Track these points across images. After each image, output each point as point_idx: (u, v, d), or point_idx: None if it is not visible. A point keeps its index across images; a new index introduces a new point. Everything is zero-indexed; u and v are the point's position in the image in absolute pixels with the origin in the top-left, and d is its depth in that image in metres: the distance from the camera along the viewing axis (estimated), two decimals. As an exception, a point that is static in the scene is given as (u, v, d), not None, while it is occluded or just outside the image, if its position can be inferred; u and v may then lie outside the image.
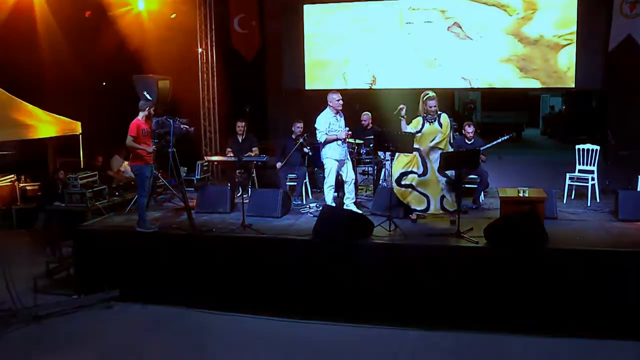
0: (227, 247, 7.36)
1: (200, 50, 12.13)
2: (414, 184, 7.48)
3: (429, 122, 7.45)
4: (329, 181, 8.11)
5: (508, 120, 21.49)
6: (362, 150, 9.42)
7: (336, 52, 11.93)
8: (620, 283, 6.19)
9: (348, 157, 8.26)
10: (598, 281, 6.26)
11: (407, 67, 11.50)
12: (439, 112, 7.50)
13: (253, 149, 9.97)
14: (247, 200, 8.29)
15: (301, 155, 9.45)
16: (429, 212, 7.54)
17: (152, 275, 7.47)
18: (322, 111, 8.06)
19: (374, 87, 11.77)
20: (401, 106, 7.36)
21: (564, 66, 10.79)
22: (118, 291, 7.46)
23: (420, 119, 7.52)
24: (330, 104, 7.98)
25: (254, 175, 10.15)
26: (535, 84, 11.05)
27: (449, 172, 7.33)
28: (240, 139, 10.13)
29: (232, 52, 12.80)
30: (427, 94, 7.47)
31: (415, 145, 7.42)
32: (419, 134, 7.42)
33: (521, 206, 7.08)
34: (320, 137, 7.98)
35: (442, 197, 7.43)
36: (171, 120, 7.75)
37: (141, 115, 7.67)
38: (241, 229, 7.56)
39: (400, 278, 6.69)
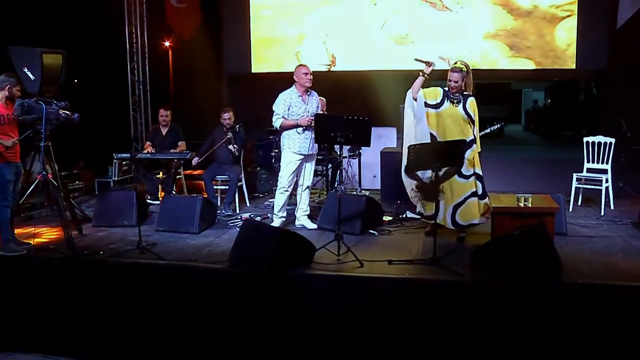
0: (118, 277, 5.41)
1: (128, 28, 10.43)
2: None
3: (452, 102, 5.60)
4: (282, 181, 6.33)
5: (488, 115, 19.81)
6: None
7: (288, 28, 10.27)
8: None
9: (314, 153, 6.51)
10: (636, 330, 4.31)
11: (373, 45, 9.85)
12: (465, 93, 5.63)
13: (179, 143, 8.04)
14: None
15: (230, 152, 7.43)
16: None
17: (20, 315, 5.55)
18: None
19: (333, 68, 10.14)
20: (431, 61, 5.58)
21: (563, 43, 9.17)
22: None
23: (441, 90, 5.67)
24: (297, 80, 6.34)
25: (181, 177, 8.10)
26: (528, 64, 9.31)
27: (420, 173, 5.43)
28: (163, 131, 8.20)
29: (167, 30, 11.25)
30: (455, 63, 5.66)
31: (431, 131, 5.64)
32: (435, 111, 5.62)
33: (523, 220, 5.12)
34: (276, 121, 6.28)
35: (456, 206, 5.58)
36: (43, 104, 5.75)
37: None
38: (138, 252, 5.61)
39: (350, 324, 4.73)
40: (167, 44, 11.95)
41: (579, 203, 7.31)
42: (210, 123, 8.95)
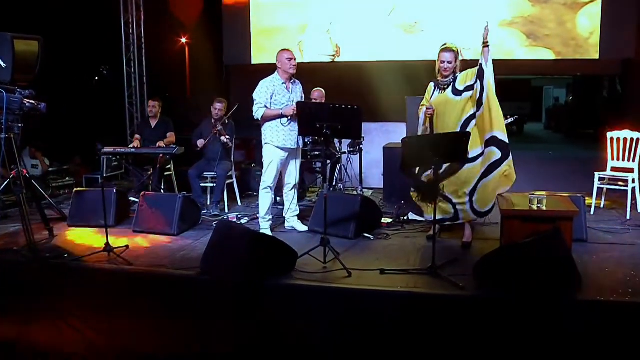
0: (82, 284, 4.84)
1: (124, 16, 9.96)
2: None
3: (441, 89, 5.04)
4: (266, 179, 5.73)
5: (507, 112, 19.11)
6: (308, 139, 6.81)
7: (290, 17, 9.55)
8: None
9: (300, 147, 5.91)
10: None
11: (380, 34, 9.10)
12: (456, 74, 5.02)
13: (168, 134, 7.68)
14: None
15: (222, 146, 6.86)
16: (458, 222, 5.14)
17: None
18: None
19: (337, 59, 9.40)
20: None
21: (585, 31, 8.39)
22: None
23: (431, 84, 5.15)
24: (280, 67, 5.71)
25: (172, 173, 7.58)
26: (547, 54, 8.54)
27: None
28: (152, 123, 7.73)
29: (169, 18, 10.79)
30: (445, 44, 5.05)
31: (422, 128, 5.19)
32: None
33: (536, 225, 4.44)
34: (257, 111, 5.65)
35: (471, 194, 4.98)
36: (4, 92, 5.23)
37: None
38: (105, 256, 5.07)
39: (331, 341, 4.09)
40: (183, 40, 11.58)
41: (602, 205, 6.63)
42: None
